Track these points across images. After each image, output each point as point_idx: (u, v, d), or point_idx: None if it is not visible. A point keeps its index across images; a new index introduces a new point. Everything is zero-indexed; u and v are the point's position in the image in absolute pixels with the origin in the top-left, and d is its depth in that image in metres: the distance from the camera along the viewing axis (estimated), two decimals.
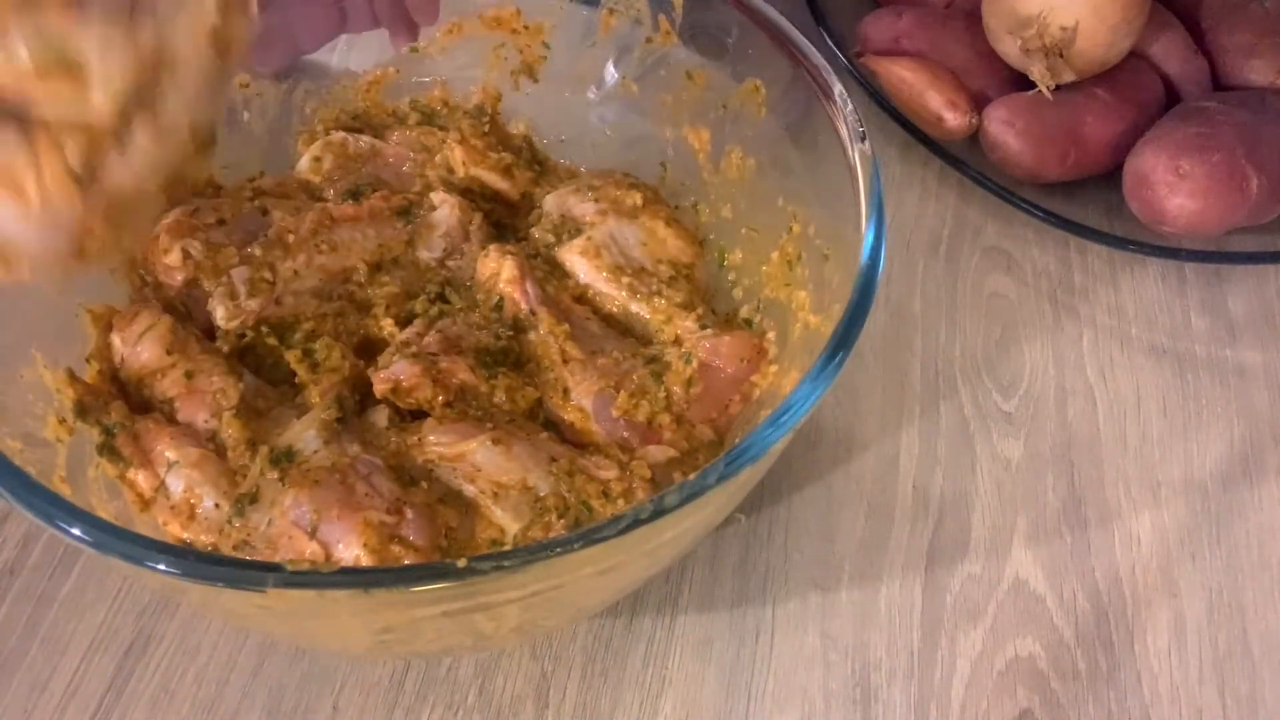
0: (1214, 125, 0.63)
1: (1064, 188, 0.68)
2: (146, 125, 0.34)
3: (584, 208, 0.54)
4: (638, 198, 0.54)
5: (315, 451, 0.43)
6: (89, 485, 0.43)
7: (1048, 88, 0.65)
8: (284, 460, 0.43)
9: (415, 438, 0.45)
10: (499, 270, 0.50)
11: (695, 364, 0.48)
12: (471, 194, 0.55)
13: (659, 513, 0.35)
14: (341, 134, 0.57)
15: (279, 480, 0.42)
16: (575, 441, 0.47)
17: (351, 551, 0.40)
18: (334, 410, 0.45)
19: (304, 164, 0.56)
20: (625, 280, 0.52)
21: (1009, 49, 0.67)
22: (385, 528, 0.41)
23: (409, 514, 0.41)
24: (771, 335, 0.49)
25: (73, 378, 0.45)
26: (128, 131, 0.34)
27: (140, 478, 0.44)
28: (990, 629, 0.51)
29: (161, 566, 0.33)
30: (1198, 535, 0.55)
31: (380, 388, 0.46)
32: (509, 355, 0.49)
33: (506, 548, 0.42)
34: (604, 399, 0.47)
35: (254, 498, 0.42)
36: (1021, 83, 0.67)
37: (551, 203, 0.55)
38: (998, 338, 0.63)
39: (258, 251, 0.49)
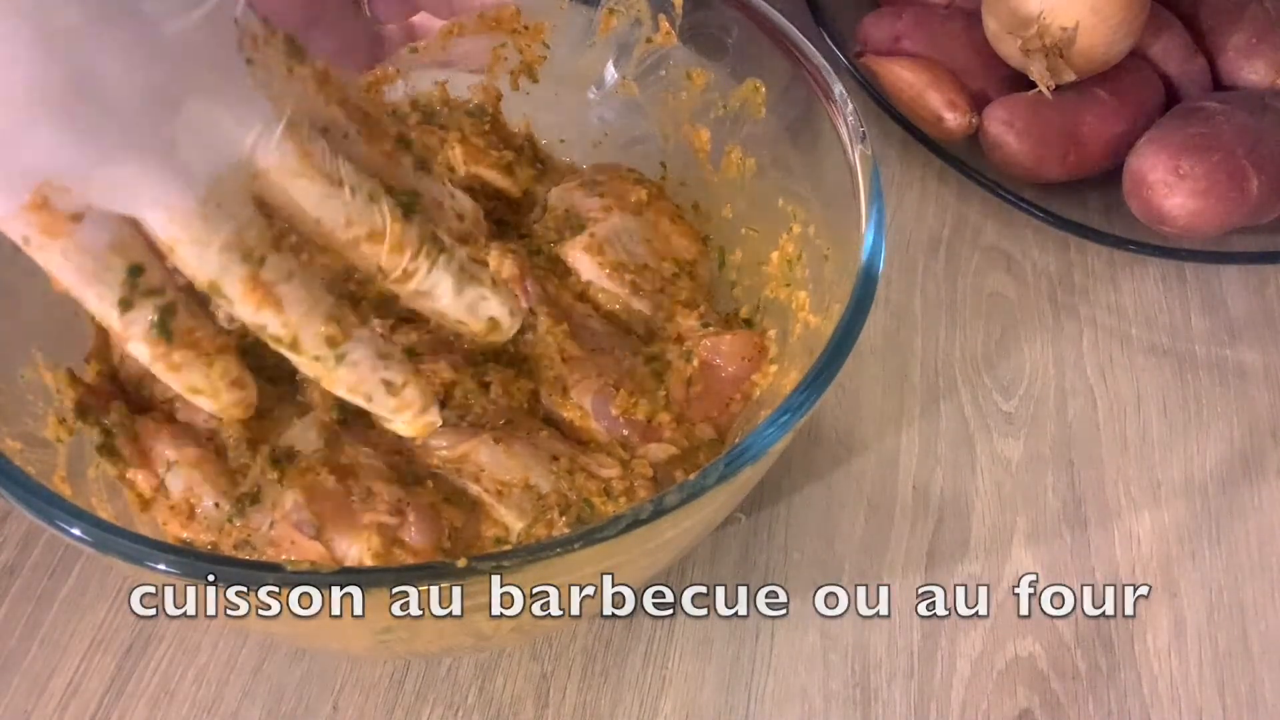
0: (1214, 125, 0.63)
1: (1064, 188, 0.68)
2: None
3: (589, 203, 0.53)
4: (642, 193, 0.54)
5: (315, 451, 0.43)
6: (89, 485, 0.43)
7: (1048, 88, 0.65)
8: (284, 460, 0.43)
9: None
10: (499, 268, 0.50)
11: (696, 362, 0.48)
12: (473, 192, 0.55)
13: (659, 512, 0.35)
14: None
15: (279, 480, 0.42)
16: (576, 439, 0.47)
17: (353, 552, 0.40)
18: (335, 411, 0.45)
19: None
20: (628, 277, 0.51)
21: (1009, 49, 0.67)
22: (387, 529, 0.41)
23: (410, 515, 0.41)
24: (772, 334, 0.49)
25: (73, 378, 0.45)
26: None
27: (140, 478, 0.44)
28: (990, 629, 0.51)
29: (161, 566, 0.33)
30: (1198, 535, 0.55)
31: None
32: (503, 355, 0.48)
33: (510, 546, 0.42)
34: (603, 397, 0.47)
35: (254, 498, 0.42)
36: (1021, 83, 0.67)
37: (556, 197, 0.55)
38: (998, 338, 0.63)
39: None
